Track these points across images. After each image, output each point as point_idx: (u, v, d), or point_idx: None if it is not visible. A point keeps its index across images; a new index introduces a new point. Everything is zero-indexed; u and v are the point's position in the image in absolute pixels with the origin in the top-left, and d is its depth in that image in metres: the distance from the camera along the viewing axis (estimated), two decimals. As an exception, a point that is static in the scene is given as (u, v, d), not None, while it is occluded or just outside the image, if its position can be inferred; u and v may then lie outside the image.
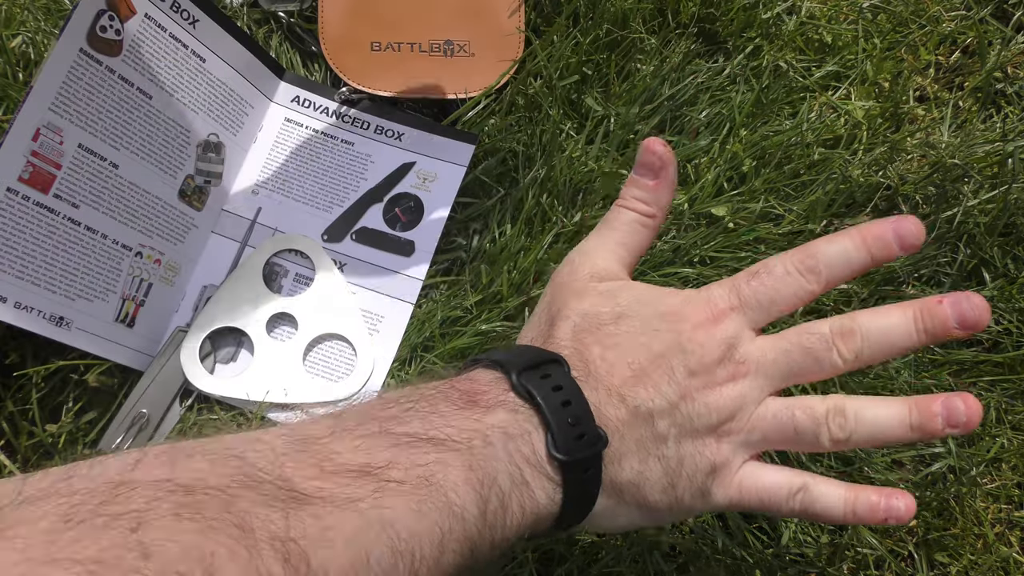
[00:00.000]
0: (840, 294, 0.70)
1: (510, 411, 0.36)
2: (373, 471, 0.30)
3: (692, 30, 0.79)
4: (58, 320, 0.62)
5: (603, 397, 0.39)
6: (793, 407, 0.42)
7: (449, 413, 0.35)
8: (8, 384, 0.65)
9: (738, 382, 0.41)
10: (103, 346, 0.64)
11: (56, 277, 0.61)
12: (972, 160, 0.74)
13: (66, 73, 0.60)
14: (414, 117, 0.75)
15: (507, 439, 0.35)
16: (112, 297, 0.65)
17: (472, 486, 0.32)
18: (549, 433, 0.36)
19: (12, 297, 0.59)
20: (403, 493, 0.30)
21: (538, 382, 0.37)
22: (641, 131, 0.74)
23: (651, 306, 0.42)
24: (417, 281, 0.70)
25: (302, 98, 0.76)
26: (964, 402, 0.39)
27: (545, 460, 0.35)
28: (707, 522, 0.66)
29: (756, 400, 0.41)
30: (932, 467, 0.68)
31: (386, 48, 0.77)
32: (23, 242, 0.59)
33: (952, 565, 0.67)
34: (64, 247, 0.62)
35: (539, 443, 0.36)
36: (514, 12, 0.77)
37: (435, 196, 0.73)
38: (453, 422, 0.34)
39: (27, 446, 0.64)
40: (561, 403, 0.36)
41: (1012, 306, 0.72)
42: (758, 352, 0.41)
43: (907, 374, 0.68)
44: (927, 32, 0.82)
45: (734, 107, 0.76)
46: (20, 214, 0.59)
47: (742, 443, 0.41)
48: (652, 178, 0.46)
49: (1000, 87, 0.81)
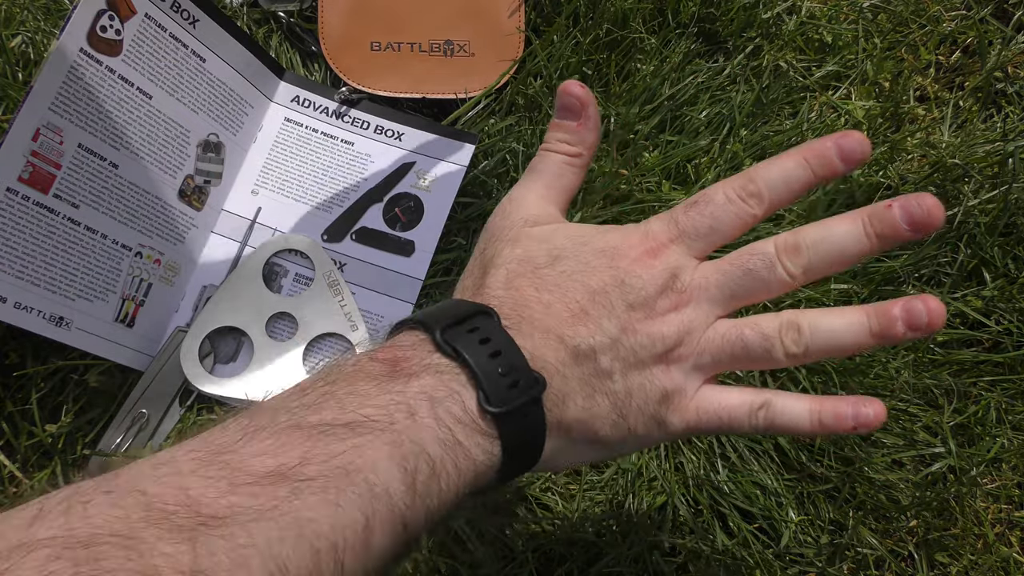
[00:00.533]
0: (840, 294, 0.70)
1: (435, 374, 0.35)
2: (287, 473, 0.29)
3: (692, 30, 0.79)
4: (58, 320, 0.62)
5: (539, 341, 0.38)
6: (742, 326, 0.41)
7: (368, 391, 0.33)
8: (8, 384, 0.65)
9: (681, 311, 0.40)
10: (103, 346, 0.64)
11: (56, 277, 0.61)
12: (972, 160, 0.74)
13: (66, 73, 0.61)
14: (414, 117, 0.75)
15: (433, 404, 0.34)
16: (112, 297, 0.65)
17: (395, 463, 0.31)
18: (480, 389, 0.35)
19: (12, 297, 0.59)
20: (320, 490, 0.29)
21: (465, 337, 0.36)
22: (641, 131, 0.74)
23: (588, 244, 0.42)
24: (417, 281, 0.70)
25: (302, 98, 0.76)
26: (925, 304, 0.38)
27: (478, 416, 0.34)
28: (707, 522, 0.66)
29: (703, 325, 0.41)
30: (932, 467, 0.68)
31: (386, 48, 0.77)
32: (23, 242, 0.59)
33: (952, 565, 0.67)
34: (64, 247, 0.62)
35: (470, 400, 0.34)
36: (514, 12, 0.77)
37: (435, 196, 0.73)
38: (372, 400, 0.33)
39: (27, 446, 0.64)
40: (490, 355, 0.35)
41: (1012, 306, 0.72)
42: (700, 278, 0.41)
43: (907, 374, 0.68)
44: (927, 32, 0.82)
45: (734, 107, 0.76)
46: (20, 214, 0.59)
47: (693, 367, 0.41)
48: (574, 119, 0.46)
49: (1000, 87, 0.81)
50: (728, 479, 0.67)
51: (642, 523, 0.65)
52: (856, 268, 0.71)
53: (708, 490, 0.67)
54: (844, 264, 0.40)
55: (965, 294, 0.73)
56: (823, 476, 0.67)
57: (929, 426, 0.70)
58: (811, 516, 0.67)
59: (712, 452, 0.68)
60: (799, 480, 0.68)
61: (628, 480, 0.66)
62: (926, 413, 0.70)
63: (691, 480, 0.67)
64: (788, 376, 0.68)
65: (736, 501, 0.66)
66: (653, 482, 0.67)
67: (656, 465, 0.67)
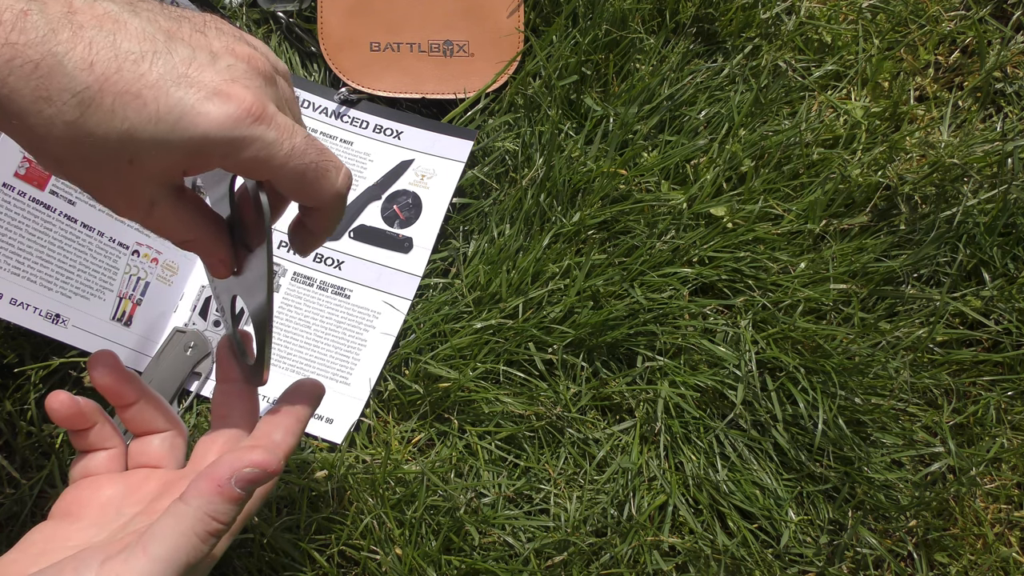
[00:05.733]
0: (840, 294, 0.70)
1: None
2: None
3: (691, 30, 0.79)
4: (54, 317, 0.61)
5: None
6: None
7: None
8: (6, 385, 0.65)
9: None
10: (100, 345, 0.64)
11: (52, 274, 0.61)
12: (971, 160, 0.74)
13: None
14: (412, 115, 0.75)
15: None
16: (109, 295, 0.65)
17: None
18: None
19: (8, 293, 0.59)
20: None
21: None
22: (640, 131, 0.74)
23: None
24: (415, 278, 0.70)
25: (301, 98, 0.76)
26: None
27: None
28: (707, 522, 0.66)
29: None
30: (931, 467, 0.68)
31: (385, 48, 0.77)
32: (19, 238, 0.59)
33: (952, 565, 0.67)
34: (60, 244, 0.62)
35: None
36: (513, 12, 0.77)
37: (433, 193, 0.72)
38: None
39: (25, 446, 0.64)
40: None
41: (1012, 306, 0.72)
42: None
43: (906, 374, 0.68)
44: (926, 32, 0.82)
45: (733, 107, 0.76)
46: (16, 210, 0.59)
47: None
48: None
49: (999, 87, 0.81)
50: (728, 479, 0.66)
51: (642, 523, 0.65)
52: (856, 268, 0.71)
53: (708, 490, 0.66)
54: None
55: (964, 294, 0.72)
56: (823, 476, 0.67)
57: (928, 426, 0.70)
58: (811, 516, 0.67)
59: (712, 452, 0.68)
60: (799, 480, 0.68)
61: (628, 480, 0.65)
62: (925, 413, 0.70)
63: (691, 480, 0.66)
64: (788, 376, 0.68)
65: (736, 501, 0.66)
66: (653, 482, 0.67)
67: (656, 465, 0.67)
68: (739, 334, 0.68)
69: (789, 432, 0.67)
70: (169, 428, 0.46)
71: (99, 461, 0.44)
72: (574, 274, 0.69)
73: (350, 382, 0.68)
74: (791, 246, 0.72)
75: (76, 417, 0.43)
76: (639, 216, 0.72)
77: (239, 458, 0.37)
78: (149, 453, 0.45)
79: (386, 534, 0.63)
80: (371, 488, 0.64)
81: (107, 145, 0.33)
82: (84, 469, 0.44)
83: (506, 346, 0.68)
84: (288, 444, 0.43)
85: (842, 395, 0.67)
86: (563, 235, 0.71)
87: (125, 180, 0.35)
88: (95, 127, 0.32)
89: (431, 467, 0.65)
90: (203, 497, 0.36)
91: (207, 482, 0.36)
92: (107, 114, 0.32)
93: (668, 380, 0.68)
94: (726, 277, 0.71)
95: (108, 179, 0.35)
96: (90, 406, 0.44)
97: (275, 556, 0.63)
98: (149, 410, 0.45)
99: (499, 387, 0.68)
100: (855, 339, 0.69)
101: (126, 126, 0.33)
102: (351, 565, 0.64)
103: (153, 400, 0.45)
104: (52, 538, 0.40)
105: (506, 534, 0.64)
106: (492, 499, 0.65)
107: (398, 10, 0.77)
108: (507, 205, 0.72)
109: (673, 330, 0.69)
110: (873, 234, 0.74)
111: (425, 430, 0.67)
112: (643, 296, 0.69)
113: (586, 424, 0.68)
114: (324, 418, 0.66)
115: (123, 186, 0.35)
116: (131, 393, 0.44)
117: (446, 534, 0.63)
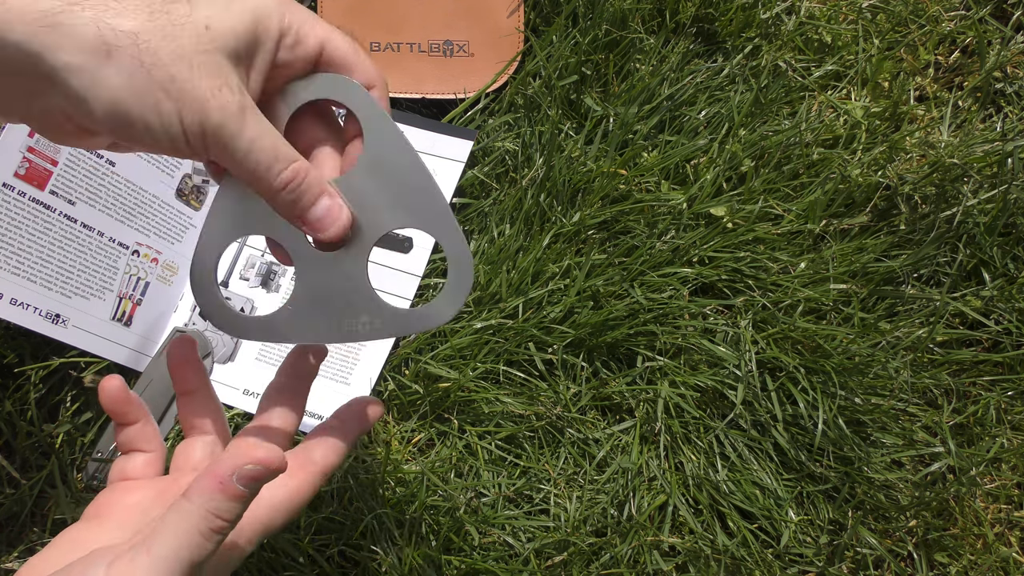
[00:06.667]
0: (840, 294, 0.70)
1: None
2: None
3: (691, 30, 0.79)
4: (54, 317, 0.61)
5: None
6: None
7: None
8: (6, 384, 0.65)
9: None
10: (100, 345, 0.64)
11: (52, 274, 0.61)
12: (971, 160, 0.74)
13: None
14: (412, 115, 0.75)
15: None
16: (109, 295, 0.65)
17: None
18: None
19: (8, 293, 0.59)
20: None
21: None
22: (640, 131, 0.74)
23: None
24: (415, 277, 0.70)
25: (301, 97, 0.76)
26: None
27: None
28: (707, 522, 0.66)
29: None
30: (931, 467, 0.68)
31: (385, 48, 0.77)
32: (19, 238, 0.59)
33: (952, 565, 0.67)
34: (60, 244, 0.62)
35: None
36: (513, 12, 0.77)
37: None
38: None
39: (25, 446, 0.64)
40: None
41: (1012, 306, 0.72)
42: None
43: (906, 374, 0.68)
44: (926, 32, 0.82)
45: (733, 107, 0.76)
46: (16, 210, 0.59)
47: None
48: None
49: (999, 87, 0.81)
50: (728, 479, 0.66)
51: (642, 523, 0.65)
52: (856, 268, 0.71)
53: (708, 490, 0.66)
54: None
55: (964, 294, 0.72)
56: (823, 476, 0.67)
57: (928, 426, 0.70)
58: (811, 516, 0.67)
59: (712, 452, 0.68)
60: (799, 480, 0.68)
61: (628, 480, 0.65)
62: (925, 413, 0.70)
63: (691, 480, 0.66)
64: (788, 376, 0.68)
65: (736, 501, 0.66)
66: (653, 482, 0.67)
67: (656, 465, 0.67)
68: (739, 334, 0.68)
69: (789, 432, 0.67)
70: (212, 434, 0.46)
71: (136, 464, 0.45)
72: (574, 274, 0.69)
73: (350, 382, 0.68)
74: (791, 246, 0.72)
75: (122, 404, 0.44)
76: (639, 216, 0.72)
77: (241, 455, 0.37)
78: (190, 457, 0.45)
79: (386, 534, 0.63)
80: (371, 488, 0.64)
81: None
82: (121, 471, 0.45)
83: (506, 346, 0.68)
84: (329, 462, 0.44)
85: (842, 395, 0.67)
86: (563, 235, 0.71)
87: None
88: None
89: (431, 467, 0.65)
90: (205, 494, 0.36)
91: (209, 479, 0.36)
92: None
93: (668, 380, 0.68)
94: (726, 277, 0.71)
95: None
96: (138, 401, 0.45)
97: (275, 556, 0.63)
98: (199, 403, 0.46)
99: (499, 387, 0.68)
100: (855, 339, 0.69)
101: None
102: (351, 565, 0.64)
103: (208, 392, 0.46)
104: (79, 539, 0.41)
105: (506, 534, 0.64)
106: (492, 499, 0.65)
107: (398, 10, 0.77)
108: (507, 205, 0.72)
109: (673, 330, 0.69)
110: (873, 234, 0.74)
111: (425, 430, 0.67)
112: (643, 296, 0.69)
113: (586, 424, 0.68)
114: (324, 418, 0.66)
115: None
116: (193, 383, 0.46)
117: (446, 534, 0.63)
